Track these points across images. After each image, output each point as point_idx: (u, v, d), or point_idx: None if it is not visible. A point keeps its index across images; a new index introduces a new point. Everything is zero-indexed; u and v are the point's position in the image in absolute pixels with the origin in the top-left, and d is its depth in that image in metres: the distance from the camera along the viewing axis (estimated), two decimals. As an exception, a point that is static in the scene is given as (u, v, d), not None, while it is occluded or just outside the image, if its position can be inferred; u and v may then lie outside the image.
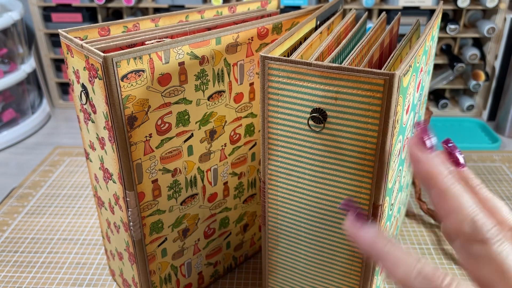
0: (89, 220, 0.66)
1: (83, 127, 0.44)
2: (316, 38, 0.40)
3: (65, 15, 0.94)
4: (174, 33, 0.42)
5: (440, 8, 0.49)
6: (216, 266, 0.54)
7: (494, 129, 0.93)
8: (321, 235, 0.39)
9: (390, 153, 0.33)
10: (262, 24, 0.44)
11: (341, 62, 0.38)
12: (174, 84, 0.39)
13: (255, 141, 0.50)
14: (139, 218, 0.42)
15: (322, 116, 0.33)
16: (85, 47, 0.37)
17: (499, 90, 0.93)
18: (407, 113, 0.38)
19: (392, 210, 0.42)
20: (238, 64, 0.44)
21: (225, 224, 0.52)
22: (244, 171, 0.51)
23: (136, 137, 0.39)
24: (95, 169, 0.46)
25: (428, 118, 0.61)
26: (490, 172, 0.76)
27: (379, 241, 0.30)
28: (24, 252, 0.60)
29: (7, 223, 0.65)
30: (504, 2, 0.87)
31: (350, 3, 0.92)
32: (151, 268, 0.46)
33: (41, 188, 0.73)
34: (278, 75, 0.34)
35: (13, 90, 0.90)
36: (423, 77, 0.44)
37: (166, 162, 0.42)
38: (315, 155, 0.35)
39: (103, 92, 0.36)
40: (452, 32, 0.89)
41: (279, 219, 0.41)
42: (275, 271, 0.44)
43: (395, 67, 0.38)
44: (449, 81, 0.97)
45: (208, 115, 0.44)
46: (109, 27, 0.42)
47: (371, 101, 0.31)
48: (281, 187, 0.39)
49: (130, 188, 0.40)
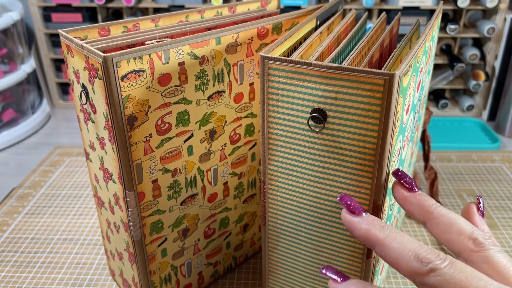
0: (89, 220, 0.66)
1: (83, 127, 0.44)
2: (316, 38, 0.40)
3: (65, 15, 0.94)
4: (174, 33, 0.42)
5: (440, 8, 0.49)
6: (216, 266, 0.54)
7: (494, 129, 0.93)
8: (321, 235, 0.39)
9: (390, 153, 0.33)
10: (262, 24, 0.44)
11: (341, 62, 0.38)
12: (174, 84, 0.39)
13: (255, 141, 0.50)
14: (139, 218, 0.42)
15: (322, 116, 0.33)
16: (85, 47, 0.37)
17: (499, 90, 0.93)
18: (407, 113, 0.38)
19: (392, 210, 0.42)
20: (238, 64, 0.44)
21: (225, 224, 0.52)
22: (244, 171, 0.51)
23: (136, 137, 0.39)
24: (95, 169, 0.46)
25: (428, 118, 0.61)
26: (490, 172, 0.76)
27: (374, 228, 0.31)
28: (24, 252, 0.60)
29: (7, 223, 0.65)
30: (504, 2, 0.87)
31: (350, 3, 0.92)
32: (151, 268, 0.46)
33: (41, 188, 0.73)
34: (278, 75, 0.34)
35: (13, 90, 0.90)
36: (423, 77, 0.44)
37: (166, 162, 0.42)
38: (315, 155, 0.35)
39: (103, 92, 0.36)
40: (452, 32, 0.89)
41: (279, 219, 0.41)
42: (275, 271, 0.44)
43: (395, 67, 0.38)
44: (449, 81, 0.97)
45: (208, 115, 0.44)
46: (109, 27, 0.42)
47: (371, 101, 0.31)
48: (281, 187, 0.39)
49: (130, 188, 0.40)
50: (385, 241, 0.30)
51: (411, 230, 0.63)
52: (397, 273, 0.55)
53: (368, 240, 0.31)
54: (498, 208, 0.67)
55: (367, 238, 0.31)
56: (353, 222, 0.32)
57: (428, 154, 0.66)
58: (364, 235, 0.31)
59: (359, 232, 0.31)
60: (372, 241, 0.30)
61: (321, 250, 0.40)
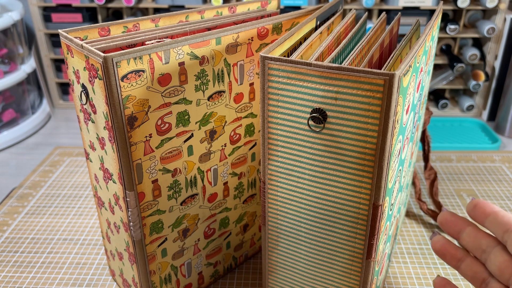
0: (89, 220, 0.66)
1: (83, 127, 0.44)
2: (316, 38, 0.40)
3: (65, 15, 0.94)
4: (174, 33, 0.42)
5: (440, 8, 0.49)
6: (216, 266, 0.54)
7: (494, 129, 0.93)
8: (321, 235, 0.39)
9: (390, 153, 0.33)
10: (262, 24, 0.44)
11: (341, 62, 0.38)
12: (174, 84, 0.39)
13: (255, 141, 0.50)
14: (139, 218, 0.42)
15: (322, 116, 0.33)
16: (85, 47, 0.37)
17: (499, 90, 0.93)
18: (407, 113, 0.38)
19: (392, 210, 0.42)
20: (238, 64, 0.44)
21: (225, 224, 0.52)
22: (244, 171, 0.51)
23: (136, 137, 0.39)
24: (95, 169, 0.46)
25: (428, 118, 0.61)
26: (490, 172, 0.76)
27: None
28: (24, 252, 0.60)
29: (7, 223, 0.65)
30: (504, 2, 0.87)
31: (350, 3, 0.92)
32: (151, 268, 0.46)
33: (41, 188, 0.73)
34: (278, 75, 0.34)
35: (13, 90, 0.90)
36: (423, 77, 0.44)
37: (166, 162, 0.42)
38: (315, 155, 0.35)
39: (103, 92, 0.36)
40: (452, 32, 0.89)
41: (279, 219, 0.41)
42: (275, 271, 0.44)
43: (395, 67, 0.38)
44: (449, 81, 0.97)
45: (208, 115, 0.44)
46: (109, 27, 0.42)
47: (371, 101, 0.31)
48: (281, 187, 0.39)
49: (130, 188, 0.40)
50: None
51: (411, 230, 0.63)
52: (397, 274, 0.55)
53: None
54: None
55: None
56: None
57: (428, 154, 0.66)
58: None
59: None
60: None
61: (321, 250, 0.40)
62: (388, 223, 0.42)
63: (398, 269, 0.56)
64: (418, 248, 0.60)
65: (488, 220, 0.35)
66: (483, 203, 0.35)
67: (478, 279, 0.36)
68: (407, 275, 0.55)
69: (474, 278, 0.36)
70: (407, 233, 0.63)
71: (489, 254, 0.35)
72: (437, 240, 0.38)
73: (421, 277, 0.55)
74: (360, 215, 0.36)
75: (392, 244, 0.51)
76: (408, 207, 0.68)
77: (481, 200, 0.36)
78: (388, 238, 0.45)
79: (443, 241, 0.38)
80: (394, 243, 0.55)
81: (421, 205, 0.65)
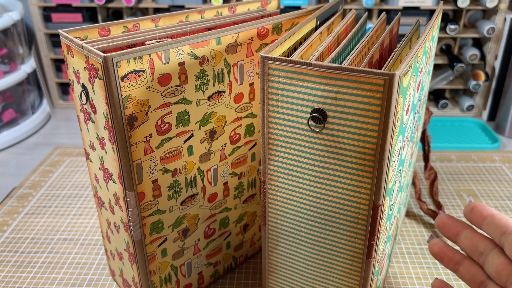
0: (89, 220, 0.66)
1: (83, 127, 0.44)
2: (316, 38, 0.40)
3: (65, 15, 0.94)
4: (174, 33, 0.42)
5: (440, 8, 0.49)
6: (216, 266, 0.54)
7: (494, 129, 0.93)
8: (321, 235, 0.39)
9: (390, 153, 0.33)
10: (262, 24, 0.44)
11: (341, 62, 0.38)
12: (174, 84, 0.39)
13: (255, 141, 0.50)
14: (139, 218, 0.42)
15: (322, 116, 0.33)
16: (85, 47, 0.37)
17: (499, 90, 0.93)
18: (407, 113, 0.38)
19: (392, 210, 0.42)
20: (238, 64, 0.44)
21: (225, 224, 0.52)
22: (244, 171, 0.51)
23: (136, 137, 0.39)
24: (95, 169, 0.46)
25: (428, 118, 0.61)
26: (490, 172, 0.76)
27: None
28: (24, 252, 0.60)
29: (7, 223, 0.65)
30: (504, 2, 0.87)
31: (350, 3, 0.92)
32: (151, 268, 0.46)
33: (41, 188, 0.73)
34: (278, 75, 0.34)
35: (13, 90, 0.90)
36: (423, 77, 0.44)
37: (166, 162, 0.42)
38: (315, 155, 0.35)
39: (103, 92, 0.36)
40: (452, 32, 0.89)
41: (279, 219, 0.41)
42: (275, 271, 0.44)
43: (395, 67, 0.38)
44: (449, 81, 0.97)
45: (208, 115, 0.44)
46: (109, 27, 0.42)
47: (371, 101, 0.31)
48: (281, 187, 0.39)
49: (130, 188, 0.40)
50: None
51: (411, 230, 0.63)
52: (397, 274, 0.55)
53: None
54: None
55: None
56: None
57: (428, 154, 0.66)
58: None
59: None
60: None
61: (321, 250, 0.40)
62: (388, 223, 0.42)
63: (398, 269, 0.56)
64: (418, 248, 0.60)
65: (485, 223, 0.35)
66: (480, 206, 0.35)
67: (476, 282, 0.36)
68: (407, 275, 0.55)
69: (472, 280, 0.36)
70: (407, 233, 0.63)
71: (487, 257, 0.35)
72: (434, 243, 0.38)
73: (421, 277, 0.55)
74: (360, 215, 0.36)
75: (392, 244, 0.51)
76: (408, 207, 0.68)
77: (478, 203, 0.36)
78: (388, 238, 0.45)
79: (441, 244, 0.38)
80: (394, 243, 0.55)
81: (421, 205, 0.65)
